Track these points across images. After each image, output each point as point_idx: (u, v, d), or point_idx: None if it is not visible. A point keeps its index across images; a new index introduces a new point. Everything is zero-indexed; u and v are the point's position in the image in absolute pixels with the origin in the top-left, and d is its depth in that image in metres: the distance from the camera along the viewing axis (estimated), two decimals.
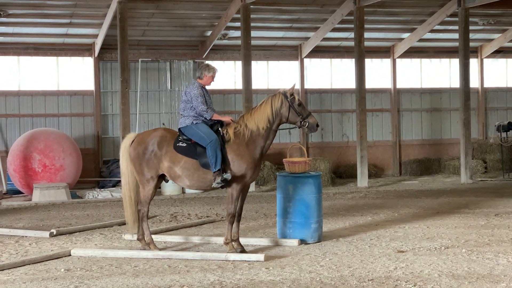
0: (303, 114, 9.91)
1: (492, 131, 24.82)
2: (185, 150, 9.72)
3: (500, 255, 9.05)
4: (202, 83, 10.08)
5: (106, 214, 14.80)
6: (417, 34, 23.43)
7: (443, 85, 25.52)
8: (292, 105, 9.87)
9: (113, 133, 22.14)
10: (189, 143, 9.74)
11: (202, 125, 9.79)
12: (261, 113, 9.83)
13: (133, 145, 9.95)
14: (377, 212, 14.07)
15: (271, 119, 9.81)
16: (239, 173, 9.68)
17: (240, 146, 9.71)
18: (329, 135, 24.02)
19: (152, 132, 10.15)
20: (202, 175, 9.72)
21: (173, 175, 9.81)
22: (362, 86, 20.41)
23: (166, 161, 9.74)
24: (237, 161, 9.67)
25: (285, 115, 9.85)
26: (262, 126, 9.78)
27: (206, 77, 10.09)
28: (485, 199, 16.03)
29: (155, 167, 9.79)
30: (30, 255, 9.78)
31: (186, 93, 9.98)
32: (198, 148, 9.66)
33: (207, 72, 10.09)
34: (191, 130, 9.79)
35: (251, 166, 9.74)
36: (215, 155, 9.50)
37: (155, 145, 9.80)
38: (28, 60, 21.73)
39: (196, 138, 9.71)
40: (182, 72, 22.72)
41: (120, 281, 7.96)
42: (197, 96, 9.83)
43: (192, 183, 9.82)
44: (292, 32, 22.88)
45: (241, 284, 7.72)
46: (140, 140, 9.95)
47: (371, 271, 8.22)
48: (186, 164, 9.70)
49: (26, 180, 18.83)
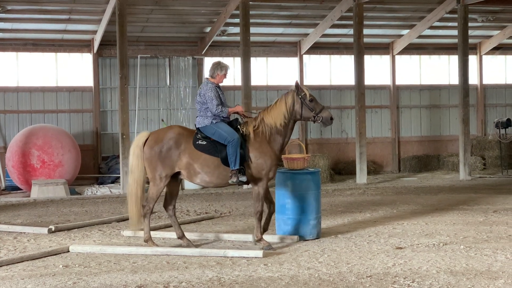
0: (316, 109, 10.05)
1: (491, 128, 24.82)
2: (206, 148, 9.81)
3: (499, 252, 9.06)
4: (215, 82, 10.08)
5: (105, 210, 14.80)
6: (416, 30, 23.42)
7: (442, 81, 25.52)
8: (304, 101, 10.01)
9: (112, 129, 22.14)
10: (209, 141, 9.83)
11: (222, 124, 9.88)
12: (277, 110, 10.00)
13: (149, 144, 9.92)
14: (375, 208, 14.08)
15: (287, 116, 9.98)
16: (264, 170, 9.82)
17: (262, 144, 9.86)
18: (328, 132, 24.02)
19: (168, 130, 10.17)
20: (223, 172, 9.81)
21: (192, 172, 9.85)
22: (361, 83, 20.40)
23: (185, 158, 9.78)
24: (262, 158, 9.81)
25: (299, 111, 10.01)
26: (279, 122, 9.94)
27: (219, 76, 10.14)
28: (483, 196, 16.03)
29: (171, 165, 9.82)
30: (29, 251, 9.78)
31: (200, 95, 10.01)
32: (219, 145, 9.74)
33: (220, 71, 10.12)
34: (211, 129, 9.85)
35: (275, 163, 9.94)
36: (235, 154, 9.62)
37: (173, 143, 9.82)
38: (27, 56, 21.72)
39: (217, 137, 9.79)
40: (181, 68, 22.70)
41: (118, 278, 7.96)
42: (212, 98, 9.88)
43: (211, 179, 9.89)
44: (291, 28, 22.87)
45: (240, 280, 7.73)
46: (157, 138, 9.94)
47: (370, 268, 8.22)
48: (207, 161, 9.77)
49: (25, 176, 18.83)
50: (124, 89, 18.57)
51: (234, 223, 12.47)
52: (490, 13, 22.82)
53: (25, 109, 21.52)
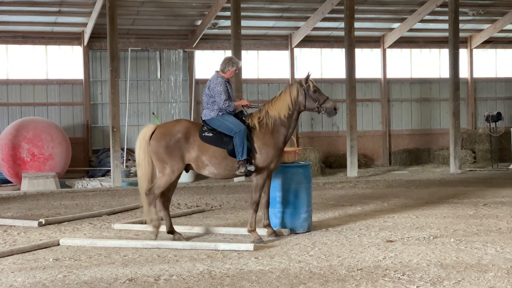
0: (319, 100, 10.10)
1: (481, 122, 24.90)
2: (213, 140, 9.86)
3: (489, 245, 9.09)
4: (225, 77, 10.08)
5: (96, 203, 14.76)
6: (407, 24, 23.45)
7: (433, 75, 25.58)
8: (307, 93, 10.06)
9: (103, 122, 22.09)
10: (215, 133, 9.88)
11: (228, 116, 9.92)
12: (281, 102, 10.07)
13: (156, 137, 9.91)
14: (366, 202, 14.10)
15: (291, 107, 10.04)
16: (266, 161, 9.88)
17: (265, 135, 9.94)
18: (319, 125, 24.04)
19: (175, 123, 10.20)
20: (229, 163, 9.87)
21: (200, 164, 9.90)
22: (352, 76, 20.41)
23: (194, 151, 9.82)
24: (264, 149, 9.88)
25: (303, 102, 10.07)
26: (283, 113, 10.01)
27: (230, 71, 10.16)
28: (474, 189, 16.08)
29: (181, 158, 9.83)
30: (19, 244, 9.74)
31: (209, 88, 10.02)
32: (225, 137, 9.80)
33: (231, 67, 10.14)
34: (218, 121, 9.89)
35: (277, 154, 9.99)
36: (242, 144, 9.69)
37: (181, 136, 9.82)
38: (17, 49, 21.64)
39: (223, 129, 9.84)
40: (172, 61, 22.65)
41: (109, 271, 7.94)
42: (220, 92, 9.91)
43: (219, 171, 9.95)
44: (283, 21, 22.85)
45: (230, 273, 7.72)
46: (165, 131, 9.93)
47: (360, 261, 8.23)
48: (215, 153, 9.84)
49: (15, 169, 18.77)
50: (114, 82, 18.53)
51: (225, 216, 12.47)
52: (481, 7, 22.87)
53: (15, 102, 21.45)
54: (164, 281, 7.41)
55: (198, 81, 22.98)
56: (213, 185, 18.42)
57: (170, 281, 7.43)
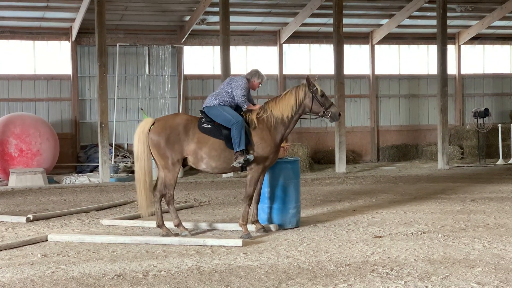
0: (325, 104, 10.19)
1: (469, 118, 25.00)
2: (211, 131, 9.94)
3: (476, 240, 9.13)
4: (249, 85, 10.19)
5: (84, 199, 14.73)
6: (396, 20, 23.49)
7: (421, 71, 25.66)
8: (315, 96, 10.14)
9: (91, 118, 22.02)
10: (213, 124, 9.95)
11: (228, 108, 10.00)
12: (286, 102, 10.14)
13: (156, 130, 9.91)
14: (355, 197, 14.13)
15: (295, 108, 10.13)
16: (263, 156, 9.94)
17: (263, 131, 10.02)
18: (307, 121, 23.97)
19: (175, 116, 10.27)
20: (228, 155, 9.92)
21: (199, 157, 9.94)
22: (340, 72, 20.44)
23: (193, 143, 9.87)
24: (261, 145, 9.95)
25: (309, 105, 10.16)
26: (286, 114, 10.11)
27: (254, 83, 10.37)
28: (461, 185, 16.15)
29: (181, 150, 9.86)
30: (6, 240, 9.71)
31: (232, 80, 10.18)
32: (223, 129, 9.87)
33: (257, 79, 10.36)
34: (216, 111, 9.95)
35: (273, 151, 10.06)
36: (240, 135, 9.75)
37: (181, 128, 9.85)
38: (4, 44, 21.54)
39: (220, 119, 9.90)
40: (161, 57, 22.60)
41: (97, 266, 7.93)
42: (243, 88, 10.05)
43: (217, 164, 9.98)
44: (271, 17, 22.84)
45: (219, 269, 7.73)
46: (164, 124, 9.95)
47: (349, 256, 8.26)
48: (214, 145, 9.90)
49: (2, 165, 18.70)
50: (103, 77, 18.48)
51: (213, 211, 12.47)
52: (469, 3, 22.94)
53: (2, 97, 21.35)
54: (152, 277, 7.41)
55: (187, 76, 22.95)
56: (201, 181, 18.41)
57: (159, 276, 7.44)
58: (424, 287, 6.80)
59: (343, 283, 6.98)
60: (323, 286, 6.91)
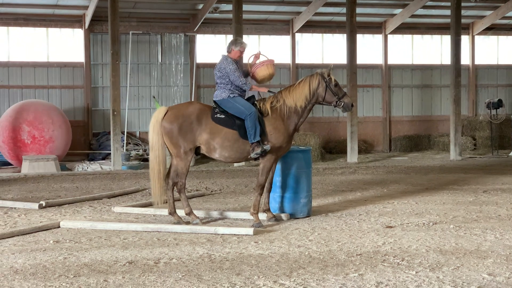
0: (339, 94, 10.15)
1: (482, 108, 24.89)
2: (225, 121, 9.89)
3: (488, 231, 9.11)
4: (231, 57, 10.06)
5: (96, 186, 14.79)
6: (409, 9, 23.37)
7: (434, 61, 25.55)
8: (328, 86, 10.10)
9: (103, 105, 22.07)
10: (227, 115, 9.91)
11: (239, 98, 9.95)
12: (300, 91, 10.09)
13: (169, 119, 9.88)
14: (366, 187, 14.12)
15: (309, 98, 10.09)
16: (276, 145, 9.92)
17: (277, 120, 9.98)
18: (319, 110, 24.01)
19: (188, 105, 10.22)
20: (241, 146, 9.91)
21: (211, 147, 9.91)
22: (353, 62, 20.38)
23: (206, 133, 9.84)
24: (275, 134, 9.92)
25: (322, 95, 10.10)
26: (300, 104, 10.07)
27: (234, 51, 10.15)
28: (473, 176, 16.10)
29: (193, 139, 9.85)
30: (19, 226, 9.77)
31: (220, 69, 9.98)
32: (237, 120, 9.83)
33: (234, 46, 10.15)
34: (228, 103, 9.90)
35: (287, 140, 10.05)
36: (254, 126, 9.73)
37: (194, 118, 9.83)
38: (18, 31, 21.59)
39: (234, 111, 9.85)
40: (173, 45, 22.60)
41: (109, 253, 7.96)
42: (233, 71, 9.92)
43: (230, 154, 9.96)
44: (284, 6, 22.78)
45: (230, 257, 7.74)
46: (177, 113, 9.92)
47: (360, 246, 8.25)
48: (227, 135, 9.87)
49: (15, 151, 18.78)
50: (115, 65, 18.50)
51: (224, 200, 12.49)
52: None
53: (15, 84, 21.43)
54: (164, 264, 7.43)
55: (199, 65, 22.94)
56: (213, 170, 18.44)
57: (170, 264, 7.46)
58: (435, 277, 6.79)
59: (354, 273, 6.98)
60: (334, 275, 6.92)
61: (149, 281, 6.77)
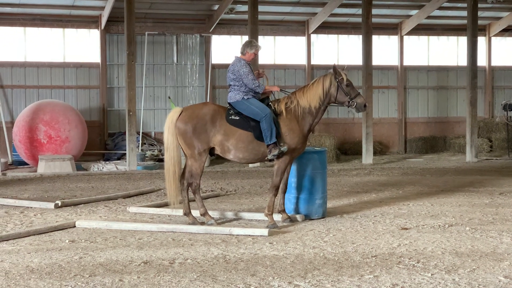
0: (351, 94, 10.13)
1: (499, 110, 24.74)
2: (239, 123, 9.89)
3: (504, 234, 9.06)
4: (245, 59, 10.08)
5: (111, 186, 14.84)
6: (425, 11, 23.28)
7: (450, 63, 25.43)
8: (340, 86, 10.10)
9: (119, 106, 22.15)
10: (242, 116, 9.91)
11: (254, 100, 9.95)
12: (313, 92, 10.10)
13: (183, 119, 9.90)
14: (381, 189, 14.08)
15: (322, 98, 10.10)
16: (291, 146, 9.92)
17: (292, 121, 9.99)
18: (334, 111, 23.98)
19: (202, 106, 10.24)
20: (256, 147, 9.91)
21: (226, 148, 9.92)
22: (369, 63, 20.33)
23: (220, 135, 9.84)
24: (290, 135, 9.92)
25: (334, 95, 10.10)
26: (314, 104, 10.07)
27: (248, 54, 10.18)
28: (489, 178, 16.02)
29: (207, 140, 9.86)
30: (35, 226, 9.82)
31: (233, 72, 10.01)
32: (251, 121, 9.84)
33: (249, 49, 10.17)
34: (243, 105, 9.90)
35: (302, 141, 10.05)
36: (270, 128, 9.73)
37: (208, 119, 9.84)
38: (35, 31, 21.70)
39: (249, 113, 9.86)
40: (189, 46, 22.64)
41: (124, 253, 7.99)
42: (247, 73, 9.94)
43: (245, 155, 9.97)
44: (300, 7, 22.76)
45: (245, 258, 7.75)
46: (191, 114, 9.93)
47: (375, 248, 8.23)
48: (241, 137, 9.87)
49: (32, 151, 18.87)
50: (131, 66, 18.56)
51: (239, 201, 12.50)
52: None
53: (32, 84, 21.54)
54: (178, 265, 7.45)
55: (215, 66, 22.97)
56: (228, 170, 18.45)
57: (185, 264, 7.47)
58: (451, 279, 6.76)
59: (369, 274, 6.96)
60: (349, 276, 6.90)
61: (164, 281, 6.79)
